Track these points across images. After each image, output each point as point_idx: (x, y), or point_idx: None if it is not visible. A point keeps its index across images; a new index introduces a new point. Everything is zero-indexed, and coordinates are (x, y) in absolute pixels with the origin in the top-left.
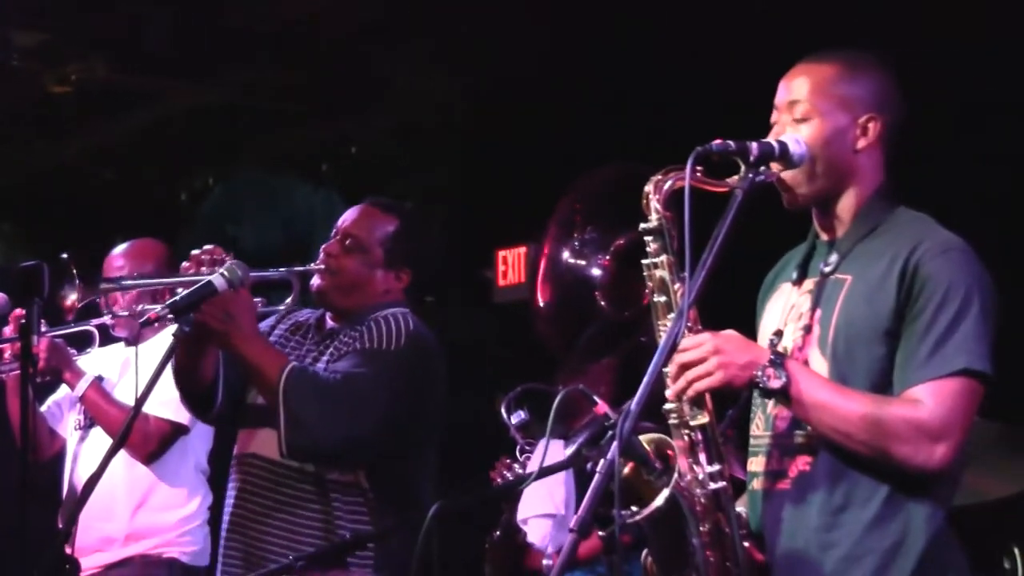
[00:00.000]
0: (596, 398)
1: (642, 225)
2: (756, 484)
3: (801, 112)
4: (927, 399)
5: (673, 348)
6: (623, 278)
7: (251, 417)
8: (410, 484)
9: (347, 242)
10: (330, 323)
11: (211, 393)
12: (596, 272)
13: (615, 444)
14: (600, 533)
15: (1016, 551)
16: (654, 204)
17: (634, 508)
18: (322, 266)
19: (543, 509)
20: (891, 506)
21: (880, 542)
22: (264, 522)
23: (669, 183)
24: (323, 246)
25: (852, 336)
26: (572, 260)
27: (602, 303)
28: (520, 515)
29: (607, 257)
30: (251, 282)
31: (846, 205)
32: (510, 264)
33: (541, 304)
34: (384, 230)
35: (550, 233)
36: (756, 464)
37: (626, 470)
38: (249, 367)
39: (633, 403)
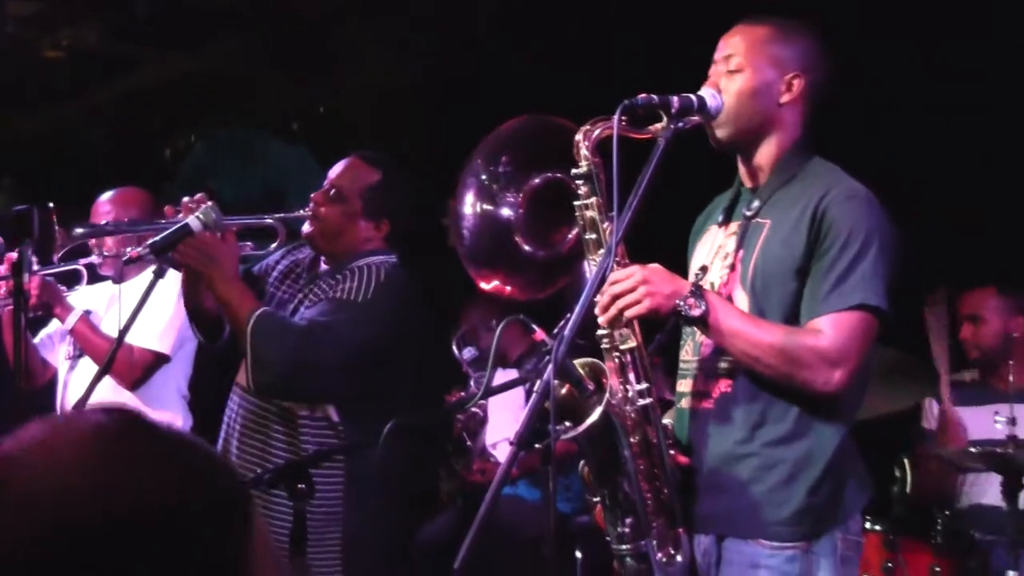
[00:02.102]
0: (534, 326)
1: (573, 170)
2: (684, 403)
3: (735, 65)
4: (827, 329)
5: (603, 281)
6: (540, 220)
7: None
8: (379, 418)
9: (331, 192)
10: (322, 266)
11: (219, 324)
12: (510, 214)
13: (550, 366)
14: (537, 446)
15: (905, 461)
16: (584, 151)
17: (568, 424)
18: (309, 213)
19: (509, 434)
20: (801, 423)
21: (791, 453)
22: (244, 442)
23: (597, 132)
24: (312, 195)
25: (769, 274)
26: (484, 206)
27: (524, 246)
28: (488, 440)
29: (519, 196)
30: (237, 227)
31: (767, 153)
32: None
33: (460, 247)
34: (366, 181)
35: (464, 181)
36: (684, 385)
37: (563, 391)
38: (225, 307)
39: (567, 330)
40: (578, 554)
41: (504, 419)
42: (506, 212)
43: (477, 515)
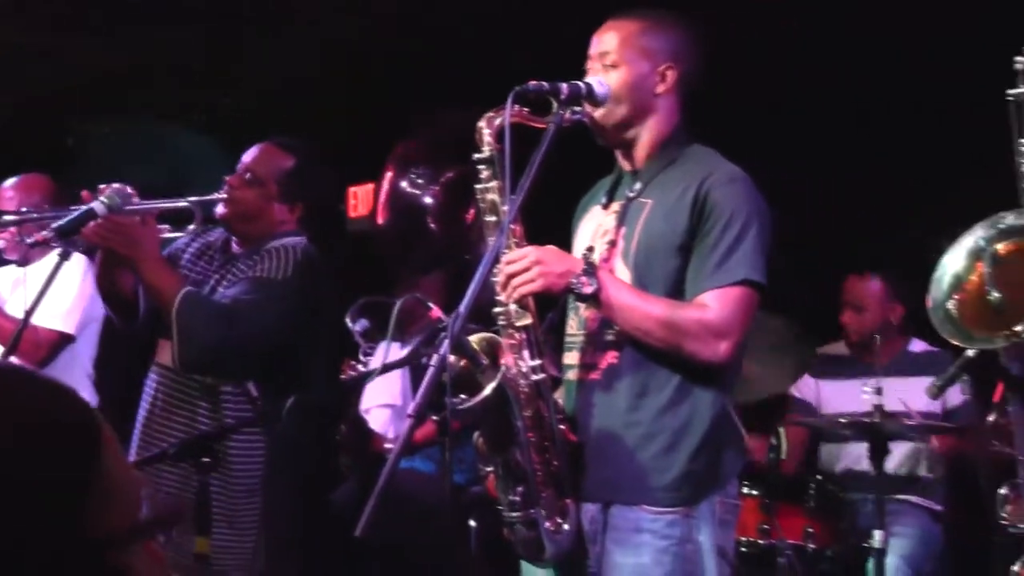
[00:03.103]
0: (430, 303)
1: (475, 155)
2: (571, 375)
3: (610, 60)
4: (713, 303)
5: (497, 259)
6: (450, 205)
7: (162, 329)
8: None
9: (247, 176)
10: (235, 247)
11: (133, 306)
12: (428, 200)
13: (447, 341)
14: (434, 418)
15: (781, 431)
16: (486, 137)
17: (463, 396)
18: (224, 196)
19: (382, 400)
20: (681, 392)
21: (672, 422)
22: (164, 421)
23: (499, 120)
24: (227, 178)
25: (651, 250)
26: (408, 189)
27: (432, 226)
28: (363, 406)
29: (437, 187)
30: (157, 211)
31: (647, 141)
32: (359, 199)
33: (380, 224)
34: (281, 166)
35: (391, 166)
36: (571, 358)
37: (460, 365)
38: (151, 288)
39: (462, 306)
40: (472, 523)
41: (377, 386)
42: (427, 200)
43: (377, 484)
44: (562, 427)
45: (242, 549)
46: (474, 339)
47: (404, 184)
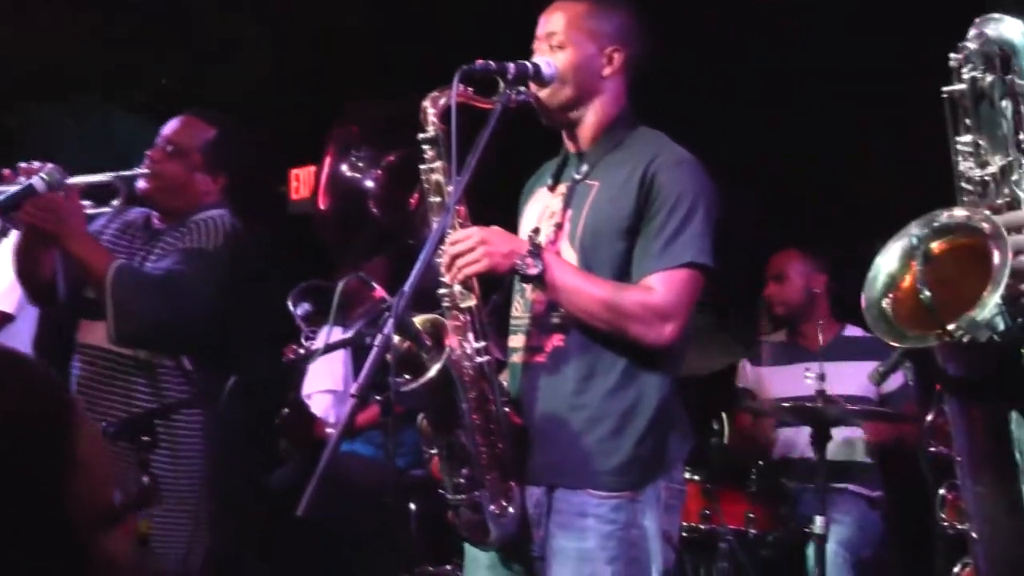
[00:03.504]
0: (374, 283)
1: (420, 135)
2: (516, 358)
3: (557, 42)
4: (659, 286)
5: (442, 238)
6: (392, 189)
7: (88, 309)
8: (233, 368)
9: (168, 148)
10: (156, 223)
11: (53, 287)
12: (369, 184)
13: (391, 321)
14: (377, 398)
15: (724, 415)
16: (431, 117)
17: (407, 377)
18: (146, 170)
19: (324, 385)
20: (628, 376)
21: (618, 405)
22: (97, 401)
23: (444, 99)
24: (148, 151)
25: (598, 233)
26: (349, 173)
27: (374, 210)
28: (305, 391)
29: (379, 171)
30: (81, 187)
31: (593, 123)
32: (301, 181)
33: (321, 209)
34: (203, 137)
35: (330, 150)
36: (516, 341)
37: (404, 346)
38: (80, 264)
39: (407, 286)
40: (412, 506)
41: (319, 372)
42: (368, 184)
43: (319, 464)
44: (507, 409)
45: (182, 531)
46: (418, 320)
47: (344, 168)
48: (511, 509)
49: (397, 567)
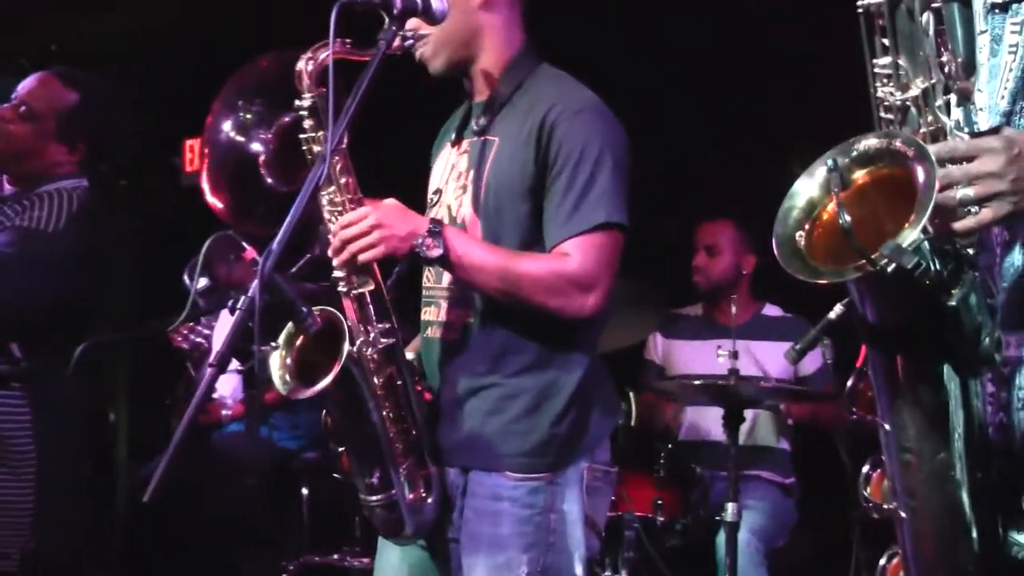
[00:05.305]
0: (244, 243)
1: (297, 102)
2: (429, 332)
3: None
4: (574, 253)
5: (314, 193)
6: (286, 154)
7: None
8: (66, 349)
9: (21, 109)
10: (7, 187)
11: None
12: (258, 148)
13: (256, 282)
14: (239, 368)
15: (631, 394)
16: (307, 82)
17: (273, 344)
18: None
19: (232, 365)
20: (545, 351)
21: (535, 382)
22: None
23: (321, 57)
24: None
25: (500, 194)
26: (236, 137)
27: (267, 179)
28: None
29: (270, 134)
30: None
31: (486, 65)
32: (196, 152)
33: (206, 179)
34: (62, 102)
35: (214, 112)
36: (428, 314)
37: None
38: None
39: (275, 243)
40: (304, 491)
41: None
42: (256, 147)
43: (171, 443)
44: (419, 388)
45: (17, 518)
46: (317, 310)
47: (227, 125)
48: (429, 499)
49: (283, 555)
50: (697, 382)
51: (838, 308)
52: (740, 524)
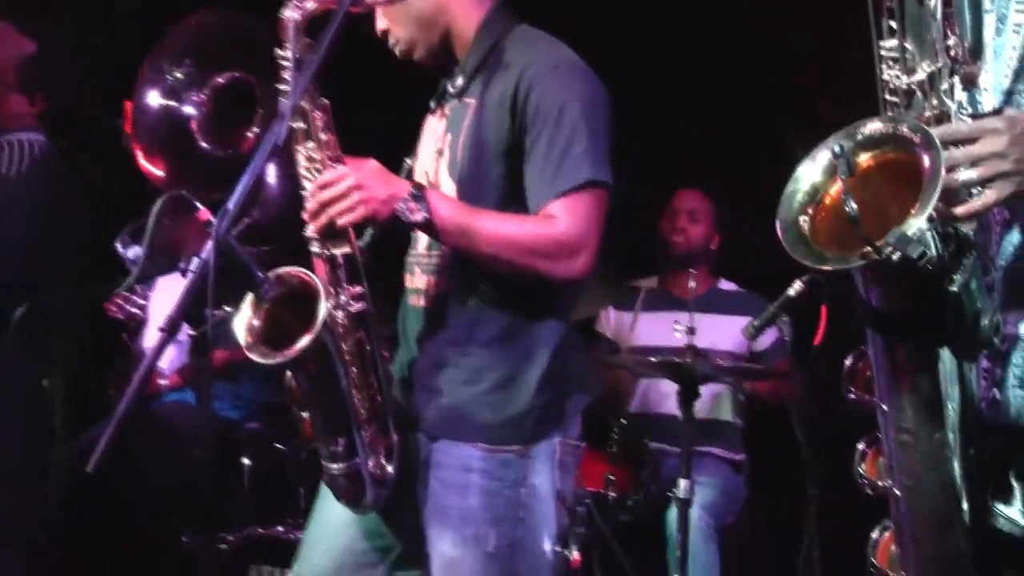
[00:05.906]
0: (197, 204)
1: (277, 51)
2: (410, 300)
3: None
4: (562, 215)
5: (275, 150)
6: (221, 116)
7: None
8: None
9: None
10: None
11: None
12: (191, 111)
13: (210, 243)
14: (191, 333)
15: None
16: (292, 30)
17: (227, 309)
18: None
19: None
20: (519, 321)
21: (511, 353)
22: None
23: (311, 5)
24: None
25: (476, 158)
26: (166, 101)
27: (201, 143)
28: (147, 343)
29: (203, 95)
30: None
31: (459, 32)
32: None
33: (138, 144)
34: (20, 51)
35: (140, 77)
36: (407, 281)
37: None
38: None
39: (231, 203)
40: (246, 461)
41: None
42: (188, 109)
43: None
44: (385, 354)
45: None
46: (285, 272)
47: (155, 89)
48: (391, 468)
49: (225, 527)
50: (653, 358)
51: (797, 285)
52: (692, 500)
